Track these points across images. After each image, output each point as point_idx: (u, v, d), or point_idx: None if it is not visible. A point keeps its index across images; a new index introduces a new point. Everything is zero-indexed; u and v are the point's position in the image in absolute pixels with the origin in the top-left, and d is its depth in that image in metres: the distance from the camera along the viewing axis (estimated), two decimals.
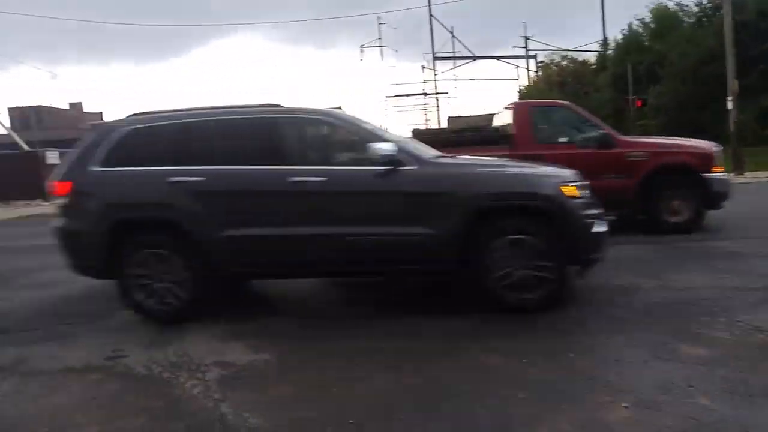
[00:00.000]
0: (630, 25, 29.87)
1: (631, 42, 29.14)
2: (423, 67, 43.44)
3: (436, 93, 44.54)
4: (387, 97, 50.04)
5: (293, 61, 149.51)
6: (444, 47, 41.27)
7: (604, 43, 33.13)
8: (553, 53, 39.34)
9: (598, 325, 4.25)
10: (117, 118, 5.37)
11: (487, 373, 3.48)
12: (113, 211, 4.84)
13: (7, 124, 45.09)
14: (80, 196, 4.93)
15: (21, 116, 55.70)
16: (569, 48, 38.58)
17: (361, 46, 58.35)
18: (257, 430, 2.92)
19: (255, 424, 2.96)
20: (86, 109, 67.73)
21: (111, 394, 3.45)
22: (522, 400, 3.07)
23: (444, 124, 43.31)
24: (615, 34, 31.43)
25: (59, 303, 5.90)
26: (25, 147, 36.19)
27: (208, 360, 3.92)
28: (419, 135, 9.35)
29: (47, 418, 3.18)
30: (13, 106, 55.75)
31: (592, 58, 35.81)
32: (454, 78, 45.03)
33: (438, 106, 49.14)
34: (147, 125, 5.12)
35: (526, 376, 3.39)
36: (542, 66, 40.51)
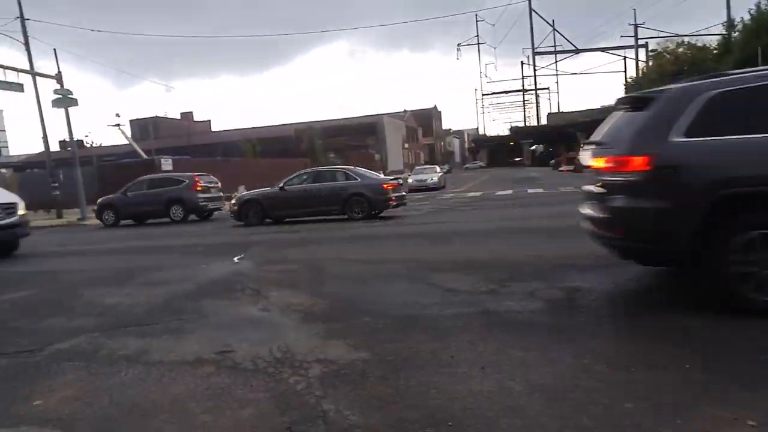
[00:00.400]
0: (758, 5, 27.30)
1: (761, 22, 26.57)
2: (523, 63, 42.50)
3: (536, 89, 43.37)
4: (484, 95, 49.40)
5: (390, 63, 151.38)
6: (545, 42, 40.12)
7: (729, 25, 30.36)
8: (666, 40, 36.78)
9: (722, 335, 3.95)
10: (686, 84, 4.79)
11: (592, 380, 3.32)
12: (717, 186, 4.22)
13: (129, 134, 49.35)
14: (665, 170, 4.38)
15: (141, 126, 61.18)
16: (686, 33, 35.84)
17: (458, 44, 58.10)
18: (358, 427, 2.96)
19: (355, 422, 3.01)
20: (196, 118, 72.73)
21: (220, 387, 3.63)
22: (629, 410, 2.91)
23: (543, 121, 41.96)
24: (741, 15, 28.68)
25: (172, 300, 6.33)
26: (143, 155, 39.54)
27: (310, 357, 4.04)
28: None
29: (167, 406, 3.40)
30: (134, 118, 61.40)
31: (712, 43, 33.12)
32: (555, 73, 43.49)
33: (538, 102, 47.75)
34: (738, 87, 4.43)
35: (633, 386, 3.20)
36: (654, 55, 38.00)
